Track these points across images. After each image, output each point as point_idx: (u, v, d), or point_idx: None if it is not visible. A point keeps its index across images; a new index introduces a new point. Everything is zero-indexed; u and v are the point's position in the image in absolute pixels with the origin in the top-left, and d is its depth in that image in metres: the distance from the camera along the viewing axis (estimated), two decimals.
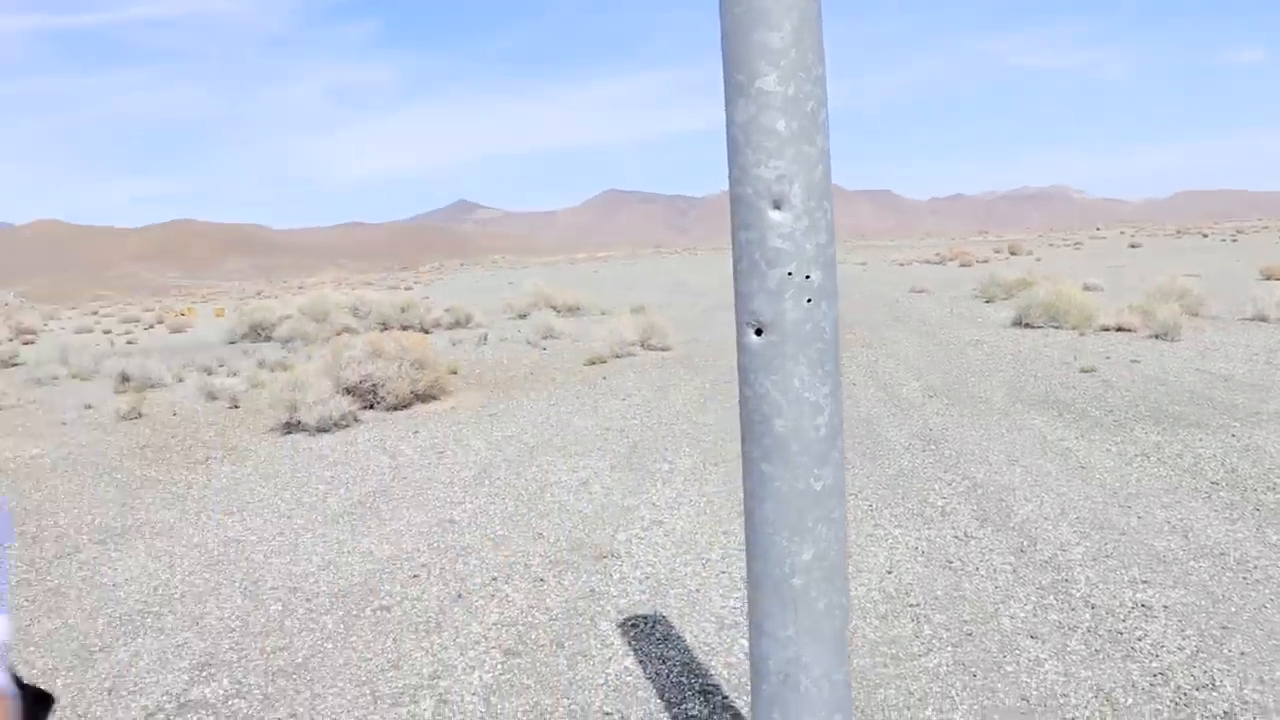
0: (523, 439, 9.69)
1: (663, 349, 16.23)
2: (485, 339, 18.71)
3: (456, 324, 22.60)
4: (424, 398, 12.04)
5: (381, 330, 15.77)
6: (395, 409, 11.71)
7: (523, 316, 22.97)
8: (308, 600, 5.58)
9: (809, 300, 2.72)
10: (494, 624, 5.02)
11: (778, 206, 2.69)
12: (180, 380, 16.79)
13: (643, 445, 9.15)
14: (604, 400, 11.69)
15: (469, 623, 5.06)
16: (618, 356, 15.31)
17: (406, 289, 45.91)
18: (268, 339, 24.32)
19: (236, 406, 13.08)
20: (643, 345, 16.24)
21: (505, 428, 10.30)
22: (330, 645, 4.90)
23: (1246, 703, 3.90)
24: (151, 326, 41.58)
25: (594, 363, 14.84)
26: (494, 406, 11.62)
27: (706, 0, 2.80)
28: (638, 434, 9.66)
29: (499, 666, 4.49)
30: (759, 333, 2.75)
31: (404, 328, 17.60)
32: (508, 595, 5.42)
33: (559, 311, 22.48)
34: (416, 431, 10.42)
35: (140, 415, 12.72)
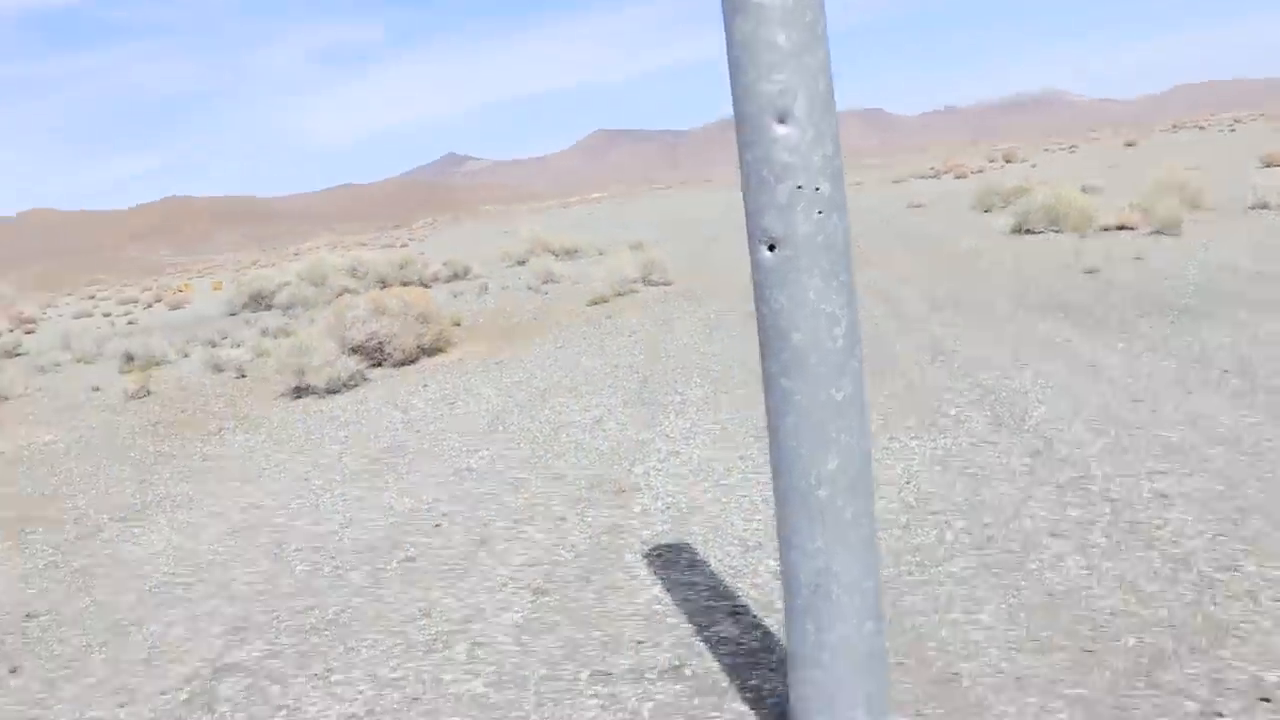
0: (532, 383, 9.71)
1: (664, 284, 16.21)
2: (486, 288, 18.70)
3: (455, 276, 22.57)
4: (430, 351, 12.06)
5: (381, 288, 15.75)
6: (403, 364, 11.73)
7: (521, 263, 22.94)
8: (333, 558, 5.62)
9: (820, 212, 2.71)
10: (520, 565, 5.06)
11: (782, 120, 2.68)
12: (185, 355, 16.81)
13: (652, 379, 9.18)
14: (610, 338, 11.70)
15: (495, 566, 5.10)
16: (619, 295, 15.31)
17: (402, 246, 45.85)
18: (268, 307, 24.32)
19: (244, 376, 13.11)
20: (644, 281, 16.23)
21: (514, 374, 10.32)
22: (359, 600, 4.94)
23: (1269, 580, 3.93)
24: (150, 305, 41.57)
25: (596, 303, 14.84)
26: (501, 354, 11.64)
27: None
28: (646, 369, 9.68)
29: (528, 606, 4.53)
30: (771, 248, 2.75)
31: (404, 284, 17.59)
32: (531, 536, 5.46)
33: (557, 256, 22.43)
34: (426, 385, 10.44)
35: (149, 393, 12.76)
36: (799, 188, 2.69)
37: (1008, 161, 53.51)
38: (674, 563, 4.82)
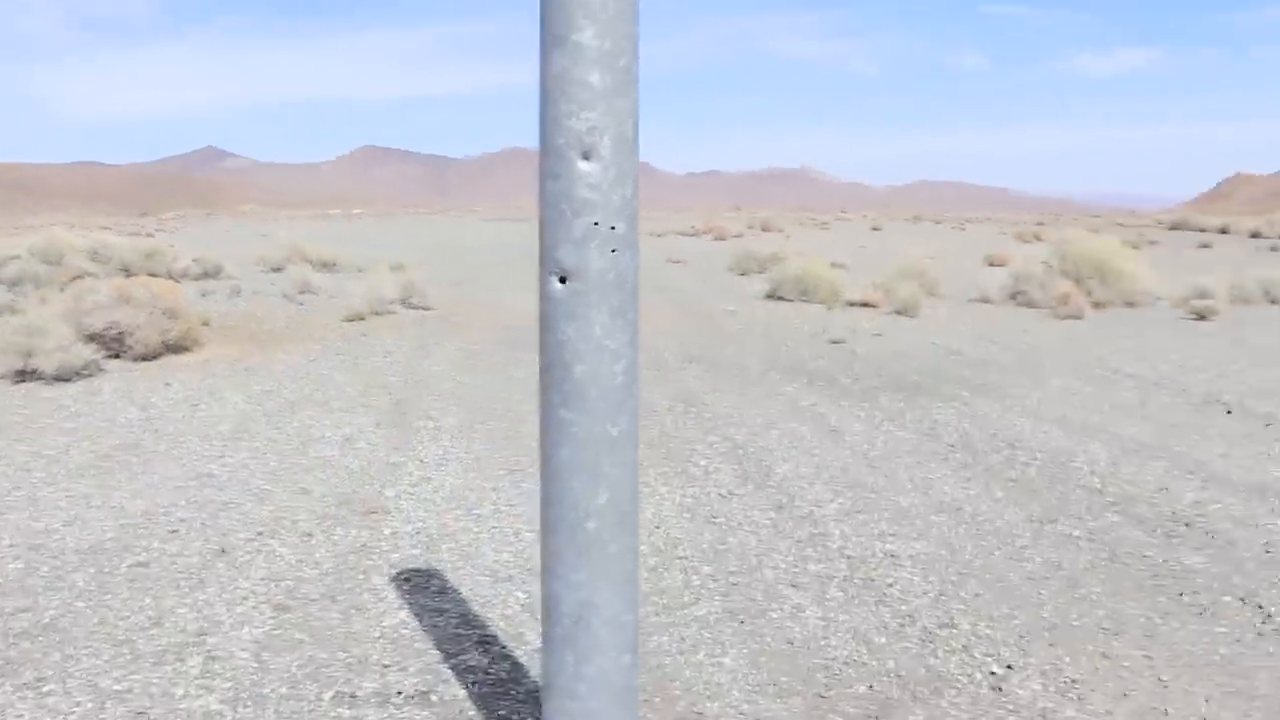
0: (282, 393, 9.40)
1: (424, 308, 16.01)
2: (238, 291, 17.97)
3: (206, 275, 21.58)
4: (175, 349, 11.47)
5: (125, 277, 14.92)
6: (144, 359, 11.11)
7: (277, 270, 22.17)
8: (53, 558, 5.26)
9: (613, 250, 2.78)
10: (262, 579, 4.88)
11: (587, 157, 2.74)
12: None
13: (407, 402, 9.05)
14: (365, 357, 11.47)
15: (235, 578, 4.90)
16: (377, 314, 15.02)
17: (148, 235, 43.56)
18: None
19: None
20: (403, 303, 15.98)
21: (263, 382, 9.95)
22: (82, 604, 4.65)
23: (980, 637, 4.28)
24: None
25: (353, 319, 14.50)
26: (250, 360, 11.21)
27: None
28: (401, 391, 9.54)
29: (270, 621, 4.37)
30: (563, 280, 2.80)
31: (150, 275, 16.69)
32: (275, 550, 5.28)
33: (315, 267, 21.79)
34: (168, 383, 9.94)
35: None
36: (595, 224, 2.75)
37: (764, 230, 55.52)
38: (423, 588, 4.77)
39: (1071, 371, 11.13)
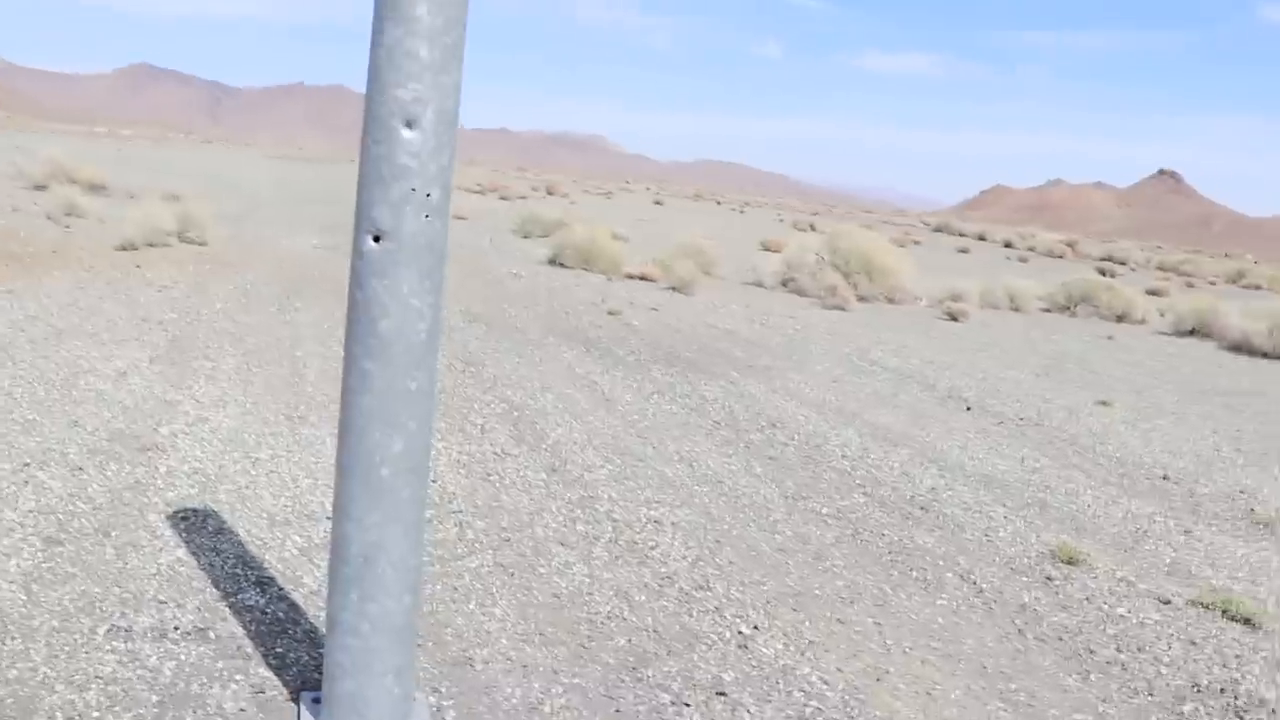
0: (49, 320, 9.01)
1: (200, 243, 15.52)
2: None
3: None
4: None
5: None
6: None
7: (40, 188, 20.93)
8: None
9: (427, 216, 2.95)
10: (30, 511, 4.78)
11: (410, 126, 2.89)
12: None
13: (183, 340, 8.85)
14: (139, 290, 11.09)
15: (1, 509, 4.79)
16: (151, 245, 14.46)
17: None
18: None
19: None
20: (178, 237, 15.43)
21: (27, 306, 9.51)
22: None
23: (731, 600, 4.66)
24: None
25: (125, 249, 13.93)
26: (12, 282, 10.65)
27: None
28: (177, 328, 9.31)
29: (39, 555, 4.31)
30: (376, 239, 2.95)
31: None
32: (44, 482, 5.16)
33: (83, 188, 20.68)
34: None
35: None
36: (413, 190, 2.91)
37: (550, 193, 55.72)
38: (200, 528, 4.79)
39: (834, 360, 11.81)
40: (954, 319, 17.70)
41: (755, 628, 4.41)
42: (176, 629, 3.76)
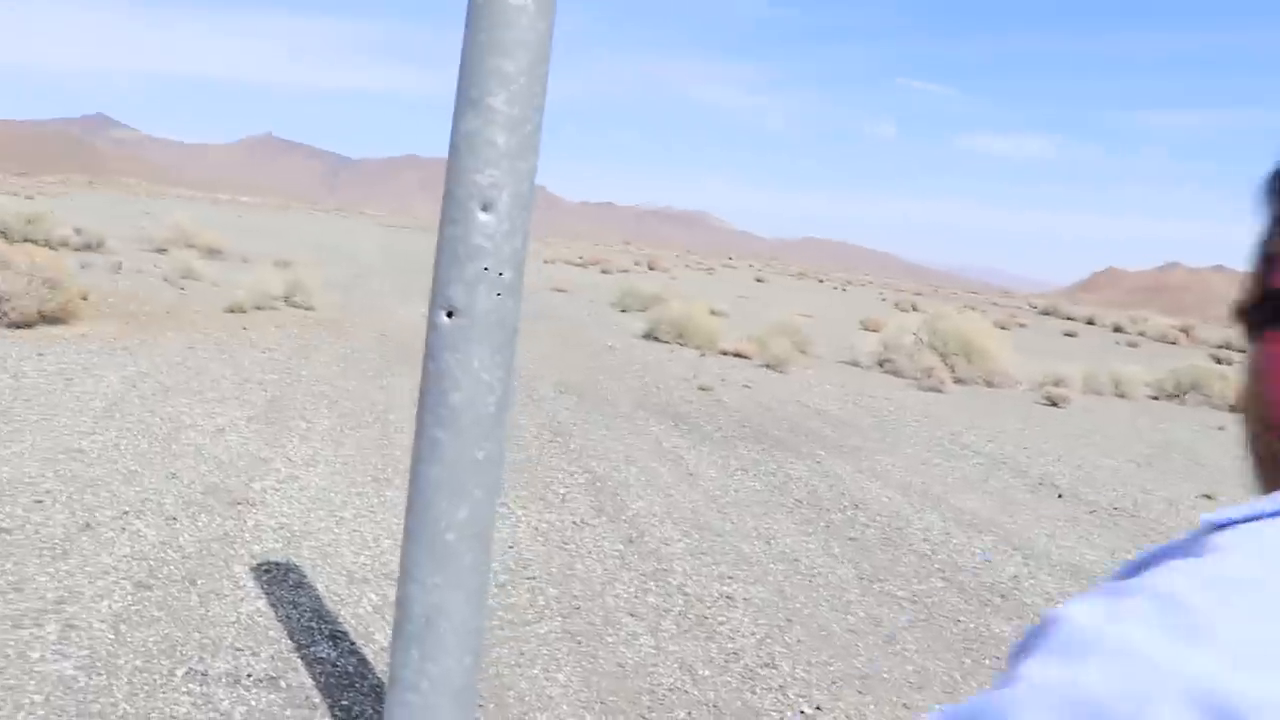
0: (158, 377, 9.45)
1: (307, 308, 16.05)
2: (119, 268, 17.76)
3: (87, 247, 21.20)
4: (52, 320, 11.39)
5: (4, 241, 14.68)
6: (18, 327, 11.02)
7: (161, 251, 21.87)
8: None
9: (499, 294, 3.11)
10: (124, 556, 5.05)
11: (486, 209, 3.06)
12: None
13: (281, 400, 9.19)
14: (244, 351, 11.53)
15: (98, 553, 5.06)
16: (259, 309, 15.01)
17: (29, 199, 42.28)
18: None
19: None
20: (287, 301, 15.98)
21: (140, 363, 9.97)
22: None
23: (796, 679, 4.68)
24: None
25: (235, 311, 14.49)
26: (128, 340, 11.18)
27: None
28: (277, 389, 9.67)
29: (129, 597, 4.56)
30: (450, 315, 3.11)
31: (29, 241, 16.39)
32: (139, 530, 5.44)
33: (200, 252, 21.56)
34: (42, 354, 9.90)
35: None
36: (486, 269, 3.08)
37: (651, 268, 56.20)
38: (281, 581, 4.99)
39: (925, 442, 11.74)
40: (1054, 404, 17.43)
41: (818, 708, 4.43)
42: (250, 676, 3.93)
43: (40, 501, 5.75)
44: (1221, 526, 0.70)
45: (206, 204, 73.91)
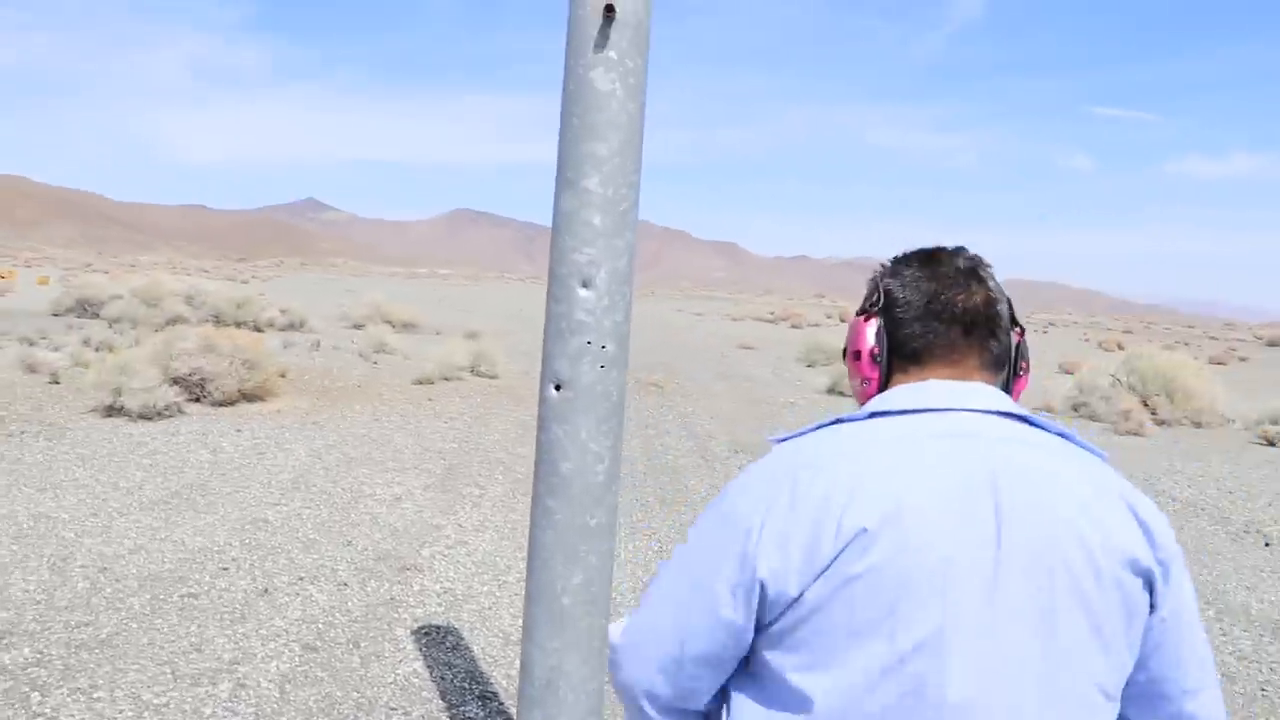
0: (343, 449, 9.99)
1: (491, 377, 16.61)
2: (318, 346, 18.80)
3: (291, 326, 22.54)
4: (251, 397, 12.19)
5: (215, 323, 15.77)
6: (220, 405, 11.83)
7: (358, 327, 23.05)
8: (116, 581, 5.83)
9: (602, 366, 3.24)
10: (296, 620, 5.39)
11: (586, 286, 3.21)
12: None
13: (458, 468, 9.56)
14: (427, 421, 12.04)
15: (272, 617, 5.41)
16: (446, 379, 15.64)
17: (243, 283, 45.11)
18: (95, 316, 23.76)
19: (57, 382, 12.92)
20: (472, 371, 16.59)
21: (328, 436, 10.57)
22: (135, 625, 5.18)
23: None
24: None
25: (422, 383, 15.14)
26: (319, 414, 11.85)
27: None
28: (455, 457, 10.06)
29: (297, 658, 4.87)
30: (558, 388, 3.26)
31: (238, 324, 17.56)
32: (312, 595, 5.79)
33: (394, 326, 22.63)
34: (240, 430, 10.60)
35: None
36: (589, 343, 3.22)
37: (842, 320, 55.79)
38: (439, 643, 5.22)
39: None
40: (1271, 444, 16.45)
41: None
42: None
43: (225, 569, 6.18)
44: (780, 441, 1.67)
45: (406, 278, 77.18)
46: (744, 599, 1.57)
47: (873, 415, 1.70)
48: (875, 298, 1.83)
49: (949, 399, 1.69)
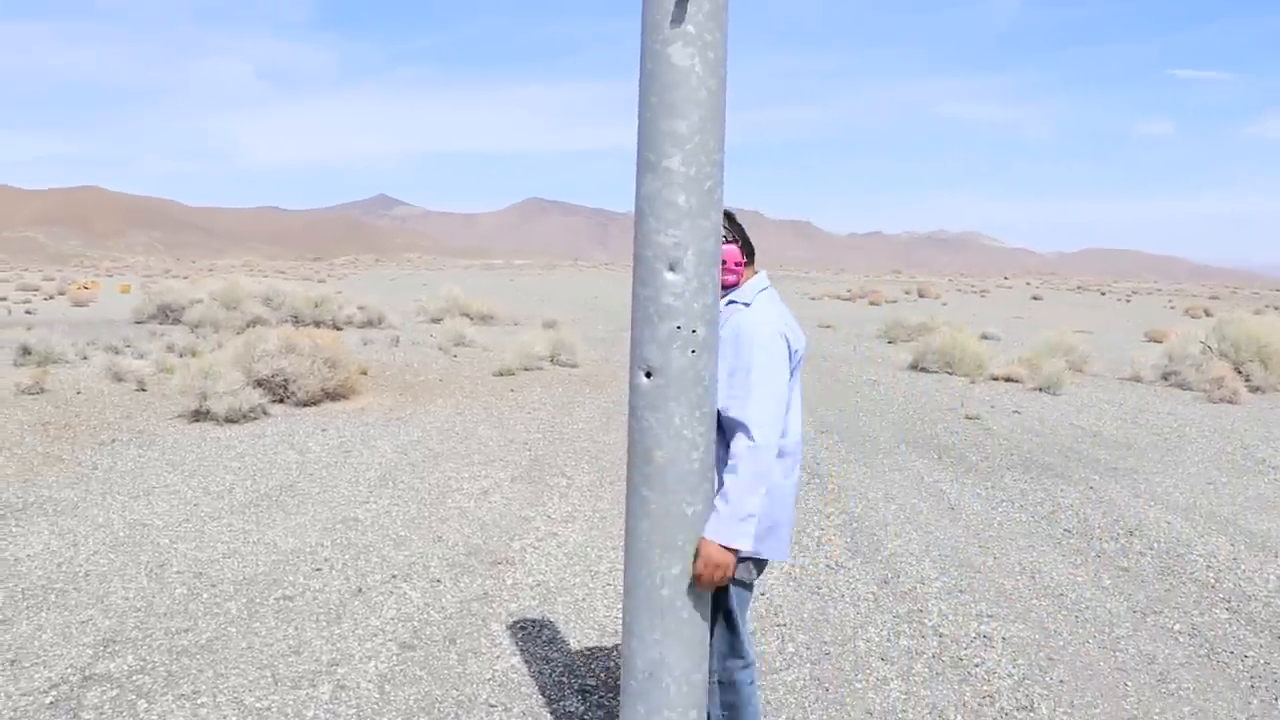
0: (428, 444, 10.02)
1: (571, 365, 16.62)
2: (397, 341, 18.94)
3: (369, 323, 22.74)
4: (334, 396, 12.29)
5: (294, 323, 15.94)
6: (304, 405, 11.94)
7: (436, 321, 23.21)
8: (213, 586, 5.86)
9: (693, 351, 3.14)
10: (391, 618, 5.38)
11: (673, 269, 3.12)
12: (84, 358, 16.70)
13: (544, 459, 9.54)
14: (510, 412, 12.05)
15: (368, 616, 5.41)
16: (526, 369, 15.67)
17: (320, 282, 45.72)
18: (176, 321, 24.18)
19: (144, 390, 13.14)
20: (552, 360, 16.61)
21: (412, 432, 10.61)
22: (234, 629, 5.20)
23: None
24: (51, 297, 40.90)
25: (503, 374, 15.17)
26: (402, 410, 11.91)
27: (636, 20, 3.26)
28: (540, 448, 10.04)
29: (394, 658, 4.85)
30: (648, 375, 3.17)
31: (317, 323, 17.73)
32: (405, 593, 5.78)
33: (472, 319, 22.74)
34: (325, 429, 10.68)
35: (42, 390, 12.71)
36: (678, 328, 3.12)
37: (921, 295, 55.16)
38: (535, 637, 5.18)
39: (1211, 459, 10.97)
40: None
41: None
42: None
43: (319, 569, 6.19)
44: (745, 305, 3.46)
45: (480, 270, 77.70)
46: (792, 364, 3.41)
47: (763, 290, 3.50)
48: (731, 235, 3.49)
49: (767, 280, 3.58)
